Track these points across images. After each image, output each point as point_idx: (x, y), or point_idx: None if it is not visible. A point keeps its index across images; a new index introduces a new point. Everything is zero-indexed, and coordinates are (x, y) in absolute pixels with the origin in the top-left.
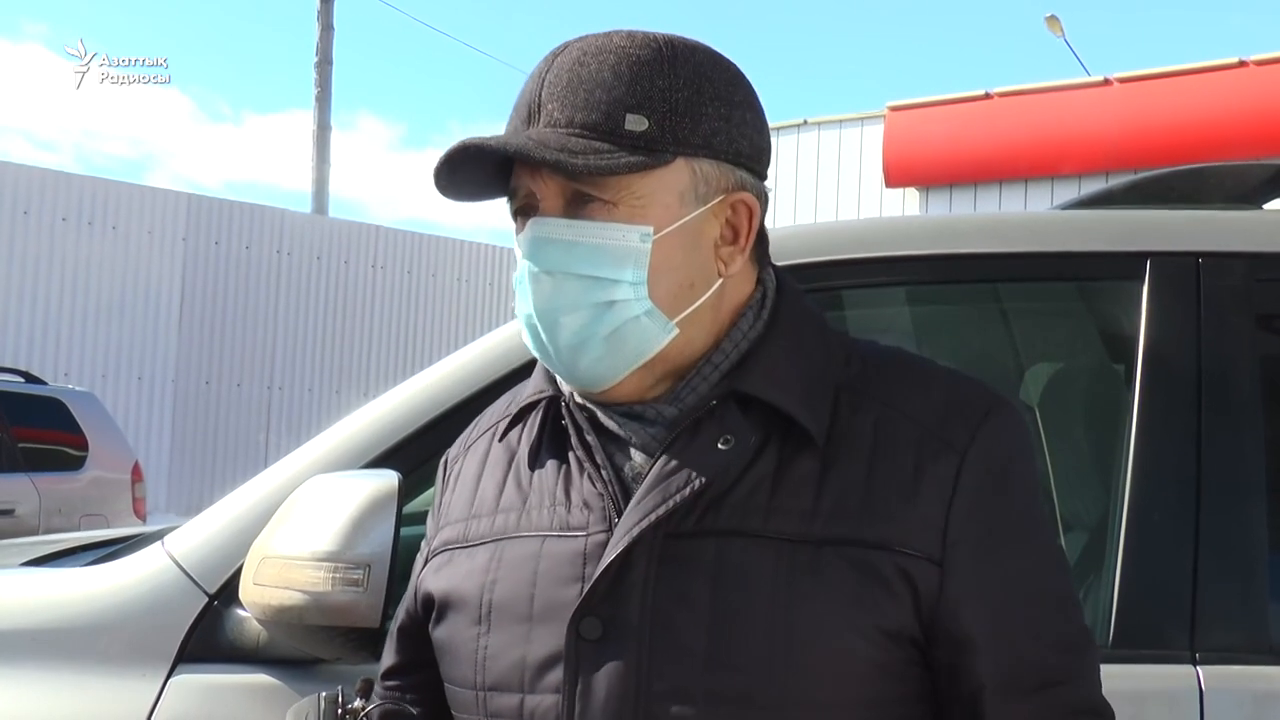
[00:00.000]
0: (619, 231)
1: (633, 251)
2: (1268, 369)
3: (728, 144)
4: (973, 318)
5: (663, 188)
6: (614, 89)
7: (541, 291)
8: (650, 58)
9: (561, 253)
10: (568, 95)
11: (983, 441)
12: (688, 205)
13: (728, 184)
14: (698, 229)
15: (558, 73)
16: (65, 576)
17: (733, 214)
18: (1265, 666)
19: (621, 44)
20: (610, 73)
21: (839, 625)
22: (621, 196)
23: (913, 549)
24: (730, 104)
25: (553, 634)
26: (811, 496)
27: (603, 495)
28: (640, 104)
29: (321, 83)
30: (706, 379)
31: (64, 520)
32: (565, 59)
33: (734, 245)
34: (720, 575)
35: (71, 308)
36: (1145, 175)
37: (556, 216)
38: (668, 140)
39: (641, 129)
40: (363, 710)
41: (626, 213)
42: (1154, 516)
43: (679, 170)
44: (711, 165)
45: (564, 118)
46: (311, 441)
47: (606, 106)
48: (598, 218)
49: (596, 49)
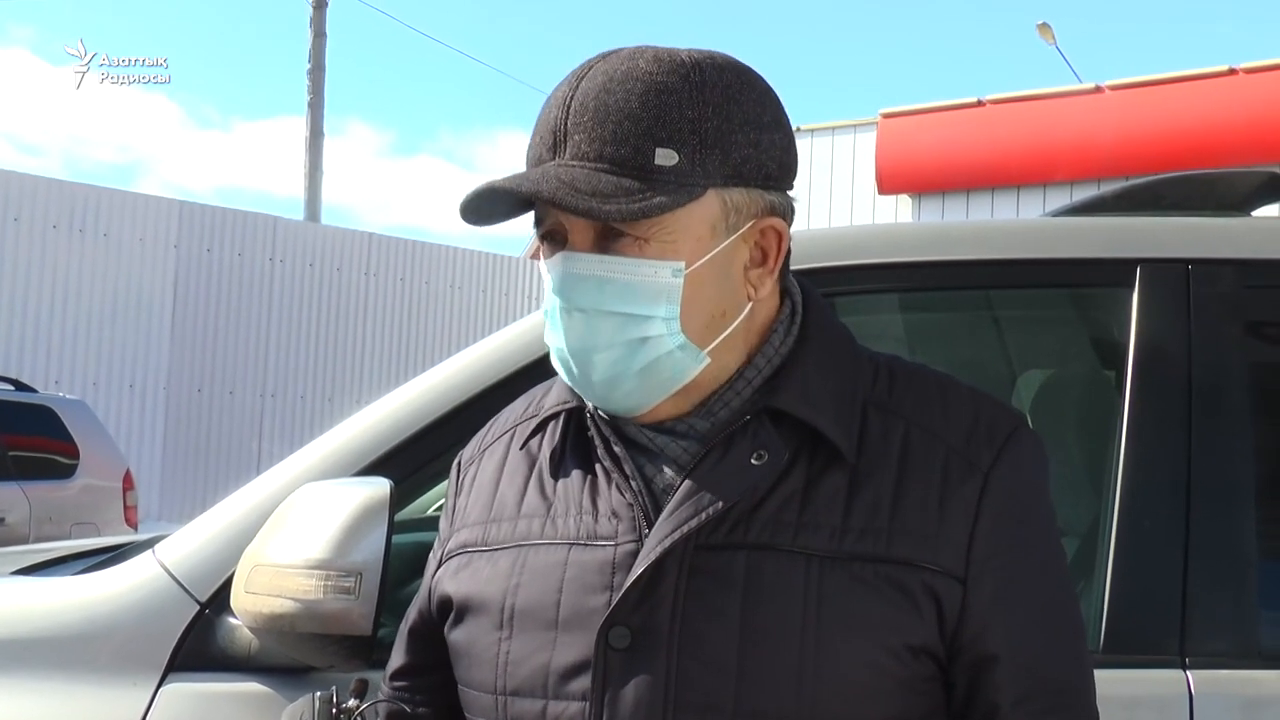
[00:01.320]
0: (651, 268)
1: (665, 287)
2: (1257, 375)
3: (757, 169)
4: (965, 324)
5: (694, 221)
6: (641, 120)
7: (574, 329)
8: (678, 85)
9: (593, 290)
10: (595, 127)
11: (1006, 462)
12: (719, 236)
13: (757, 209)
14: (728, 257)
15: (583, 100)
16: (56, 585)
17: (761, 237)
18: (1254, 671)
19: (648, 70)
20: (638, 102)
21: (867, 642)
22: (653, 233)
23: (938, 565)
24: (759, 127)
25: (579, 641)
26: (840, 513)
27: (632, 505)
28: (670, 137)
29: (314, 89)
30: (739, 394)
31: (55, 529)
32: (590, 85)
33: (763, 268)
34: (750, 590)
35: (63, 315)
36: (1136, 183)
37: (587, 252)
38: (698, 174)
39: (671, 164)
40: (357, 710)
41: (658, 249)
42: (1144, 522)
43: (709, 203)
44: (742, 193)
45: (592, 151)
46: (303, 449)
47: (635, 140)
48: (629, 254)
49: (623, 75)
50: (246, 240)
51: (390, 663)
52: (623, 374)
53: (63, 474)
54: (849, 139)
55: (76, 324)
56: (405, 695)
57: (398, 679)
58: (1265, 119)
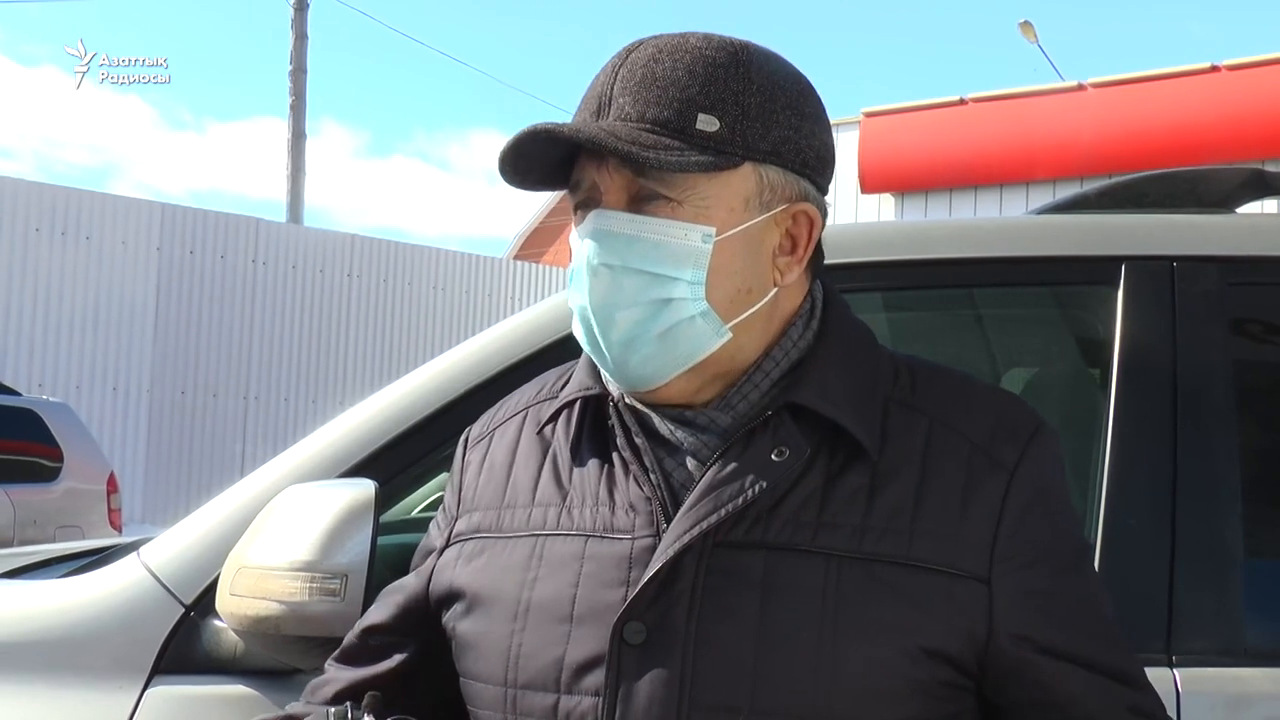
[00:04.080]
0: (681, 230)
1: (693, 251)
2: (1242, 373)
3: (795, 153)
4: (948, 323)
5: (729, 191)
6: (688, 88)
7: (599, 285)
8: (725, 60)
9: (622, 246)
10: (640, 91)
11: (1030, 460)
12: (751, 211)
13: (792, 193)
14: (759, 236)
15: (631, 68)
16: (41, 588)
17: (793, 224)
18: (1241, 669)
19: (697, 45)
20: (685, 72)
21: (885, 644)
22: (687, 196)
23: (961, 569)
24: (800, 114)
25: (594, 636)
26: (861, 512)
27: (650, 499)
28: (713, 105)
29: (296, 91)
30: (758, 386)
31: (38, 532)
32: (640, 55)
33: (791, 255)
34: (768, 589)
35: (45, 318)
36: (1119, 180)
37: (620, 210)
38: (738, 143)
39: (712, 130)
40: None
41: (690, 212)
42: (1130, 520)
43: (746, 175)
44: (778, 173)
45: (636, 112)
46: (288, 451)
47: (679, 105)
48: (661, 215)
49: (672, 48)
50: (229, 242)
51: (366, 616)
52: (642, 335)
53: (46, 477)
54: None
55: (59, 326)
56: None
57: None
58: (1247, 116)
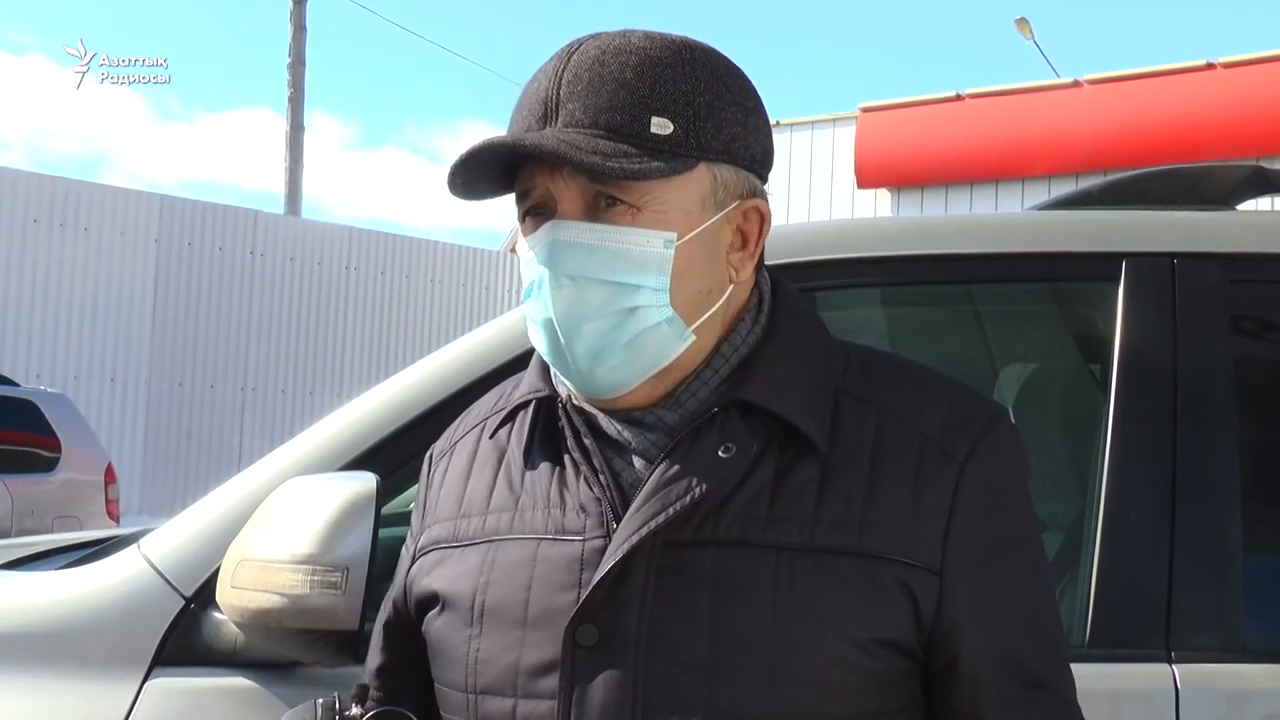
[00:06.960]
0: (643, 237)
1: (656, 257)
2: (1242, 370)
3: (744, 150)
4: (948, 319)
5: (686, 193)
6: (638, 90)
7: (562, 298)
8: (672, 59)
9: (583, 257)
10: (589, 95)
11: (983, 453)
12: (708, 211)
13: (743, 190)
14: (715, 235)
15: (575, 71)
16: (40, 580)
17: (744, 220)
18: (1240, 665)
19: (641, 44)
20: (633, 73)
21: (839, 638)
22: (645, 201)
23: (913, 559)
24: (746, 110)
25: (547, 639)
26: (812, 505)
27: (600, 500)
28: (664, 106)
29: (294, 84)
30: (707, 384)
31: (36, 522)
32: (583, 57)
33: (743, 251)
34: (719, 587)
35: (44, 309)
36: (1120, 176)
37: (578, 220)
38: (692, 145)
39: (667, 133)
40: (360, 718)
41: (650, 218)
42: (1130, 517)
43: (701, 176)
44: (730, 171)
45: (587, 118)
46: (289, 443)
47: (631, 108)
48: (621, 222)
49: (616, 49)
50: (227, 234)
51: (369, 660)
52: (609, 346)
53: (44, 467)
54: (828, 133)
55: (57, 317)
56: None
57: (379, 678)
58: (1243, 113)
